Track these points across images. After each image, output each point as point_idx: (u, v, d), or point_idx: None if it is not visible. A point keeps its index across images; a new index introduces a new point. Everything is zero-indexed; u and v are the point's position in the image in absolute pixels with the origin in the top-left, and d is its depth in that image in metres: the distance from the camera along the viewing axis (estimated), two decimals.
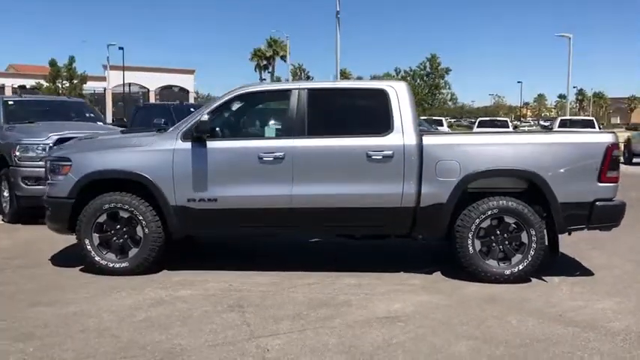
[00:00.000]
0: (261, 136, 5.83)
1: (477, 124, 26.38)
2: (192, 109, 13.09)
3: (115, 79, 47.21)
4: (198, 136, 5.62)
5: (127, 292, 5.21)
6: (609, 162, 5.52)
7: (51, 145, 8.35)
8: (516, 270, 5.54)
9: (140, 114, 12.96)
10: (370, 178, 5.59)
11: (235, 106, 5.96)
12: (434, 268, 6.00)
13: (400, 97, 5.70)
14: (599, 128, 26.72)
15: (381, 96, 5.73)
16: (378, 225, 5.78)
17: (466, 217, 5.55)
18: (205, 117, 5.46)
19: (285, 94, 5.84)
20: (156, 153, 5.68)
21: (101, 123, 10.41)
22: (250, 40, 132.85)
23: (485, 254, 5.59)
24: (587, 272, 6.00)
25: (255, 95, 6.04)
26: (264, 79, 74.06)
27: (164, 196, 5.65)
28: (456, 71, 66.46)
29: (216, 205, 5.66)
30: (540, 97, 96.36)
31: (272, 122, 5.79)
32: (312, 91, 5.77)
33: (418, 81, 64.00)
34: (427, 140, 5.61)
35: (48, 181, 5.99)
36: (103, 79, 48.92)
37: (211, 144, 5.64)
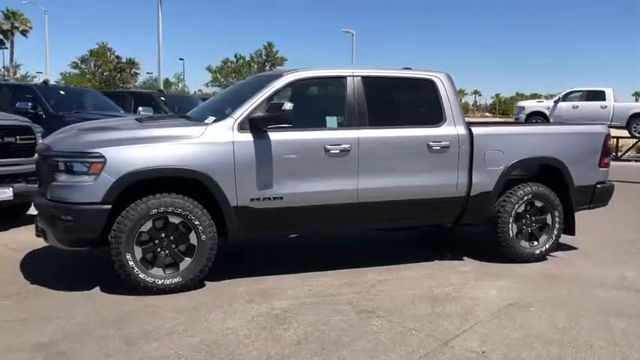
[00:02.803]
0: (322, 126, 5.32)
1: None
2: (61, 92, 11.15)
3: None
4: (260, 127, 4.96)
5: (221, 310, 4.42)
6: (606, 149, 6.38)
7: None
8: (544, 249, 6.08)
9: None
10: (430, 169, 5.58)
11: (289, 94, 5.36)
12: (454, 254, 6.23)
13: (447, 87, 5.77)
14: None
15: (430, 86, 5.73)
16: (434, 216, 5.80)
17: (506, 203, 5.90)
18: (289, 106, 4.81)
19: (340, 81, 5.42)
20: (212, 146, 4.84)
21: None
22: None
23: (518, 237, 6.02)
24: (570, 247, 6.79)
25: (308, 81, 5.47)
26: None
27: (225, 197, 4.87)
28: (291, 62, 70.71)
29: (281, 204, 5.08)
30: None
31: (330, 111, 5.32)
32: (366, 79, 5.48)
33: (256, 67, 67.35)
34: (476, 130, 5.78)
35: (56, 182, 4.68)
36: None
37: (274, 135, 5.02)
